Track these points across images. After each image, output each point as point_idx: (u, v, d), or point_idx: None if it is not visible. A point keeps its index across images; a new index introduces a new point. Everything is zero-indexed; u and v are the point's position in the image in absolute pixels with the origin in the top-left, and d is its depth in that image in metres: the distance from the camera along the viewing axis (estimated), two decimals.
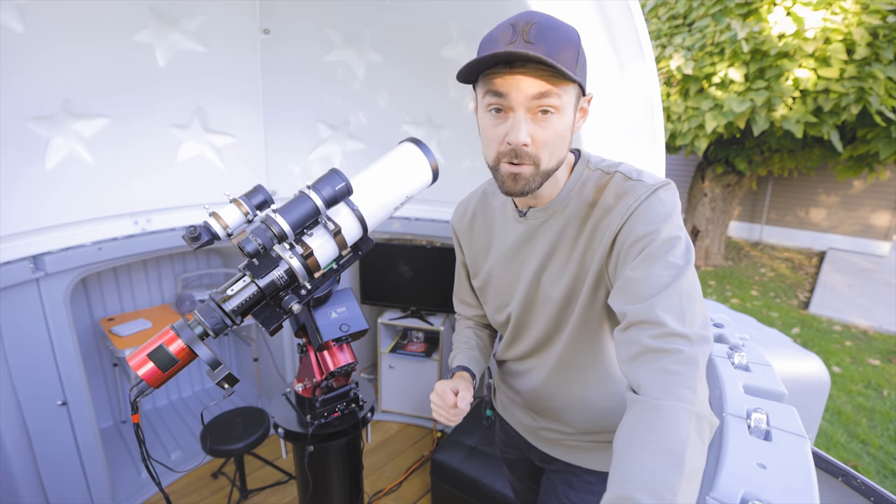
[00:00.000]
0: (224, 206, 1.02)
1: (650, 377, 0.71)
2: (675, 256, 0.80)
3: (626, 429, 0.68)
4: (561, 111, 0.84)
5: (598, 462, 1.16)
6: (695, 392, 0.67)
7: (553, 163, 0.89)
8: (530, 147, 0.86)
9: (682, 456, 0.60)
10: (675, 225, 0.84)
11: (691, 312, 0.76)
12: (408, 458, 2.82)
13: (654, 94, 1.74)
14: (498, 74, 0.83)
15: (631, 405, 0.71)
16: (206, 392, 3.42)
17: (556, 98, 0.83)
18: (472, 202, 1.21)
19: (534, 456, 1.29)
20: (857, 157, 5.65)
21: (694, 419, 0.64)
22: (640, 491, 0.57)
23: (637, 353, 0.75)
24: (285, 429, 1.43)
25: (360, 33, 2.33)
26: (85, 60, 1.89)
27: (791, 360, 2.10)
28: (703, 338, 0.74)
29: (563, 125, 0.86)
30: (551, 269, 1.01)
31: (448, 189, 1.94)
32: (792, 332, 5.25)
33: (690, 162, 8.78)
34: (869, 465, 3.21)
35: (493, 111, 0.87)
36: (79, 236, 2.08)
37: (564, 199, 0.98)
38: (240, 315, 1.04)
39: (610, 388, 1.09)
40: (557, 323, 1.04)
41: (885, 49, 4.40)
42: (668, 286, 0.77)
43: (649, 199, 0.86)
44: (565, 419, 1.15)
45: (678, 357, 0.70)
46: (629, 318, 0.78)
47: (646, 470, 0.60)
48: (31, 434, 1.99)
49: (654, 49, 5.81)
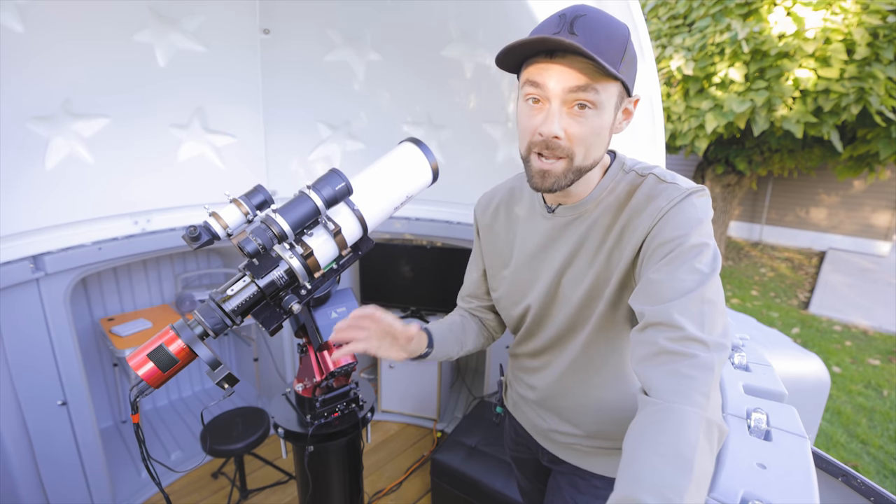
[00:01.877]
0: (224, 206, 1.02)
1: (664, 379, 0.70)
2: (702, 263, 0.79)
3: (637, 430, 0.67)
4: (599, 108, 0.82)
5: (606, 467, 1.15)
6: (708, 398, 0.67)
7: (588, 161, 0.87)
8: (563, 140, 0.83)
9: (692, 461, 0.59)
10: (706, 232, 0.83)
11: (711, 320, 0.74)
12: (408, 458, 2.82)
13: (654, 94, 1.74)
14: (537, 63, 0.82)
15: (642, 406, 0.70)
16: (206, 392, 3.42)
17: (593, 93, 0.80)
18: (497, 195, 1.18)
19: (542, 456, 1.29)
20: (857, 157, 5.65)
21: (704, 425, 0.64)
22: (647, 494, 0.57)
23: (652, 353, 0.74)
24: (285, 429, 1.43)
25: (361, 33, 2.34)
26: (85, 60, 1.89)
27: (791, 360, 2.10)
28: (721, 346, 0.72)
29: (599, 123, 0.84)
30: (575, 268, 0.99)
31: (448, 189, 1.94)
32: (792, 332, 5.25)
33: (690, 162, 8.78)
34: (869, 465, 3.21)
35: (531, 101, 0.85)
36: (79, 236, 2.08)
37: (595, 198, 0.96)
38: (240, 315, 1.04)
39: (624, 391, 1.07)
40: (576, 321, 1.02)
41: (886, 49, 4.40)
42: (691, 291, 0.76)
43: (682, 202, 0.85)
44: (576, 420, 1.13)
45: (694, 362, 0.70)
46: (647, 319, 0.77)
47: (654, 473, 0.59)
48: (31, 434, 1.99)
49: (654, 49, 5.81)
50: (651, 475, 0.59)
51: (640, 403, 0.71)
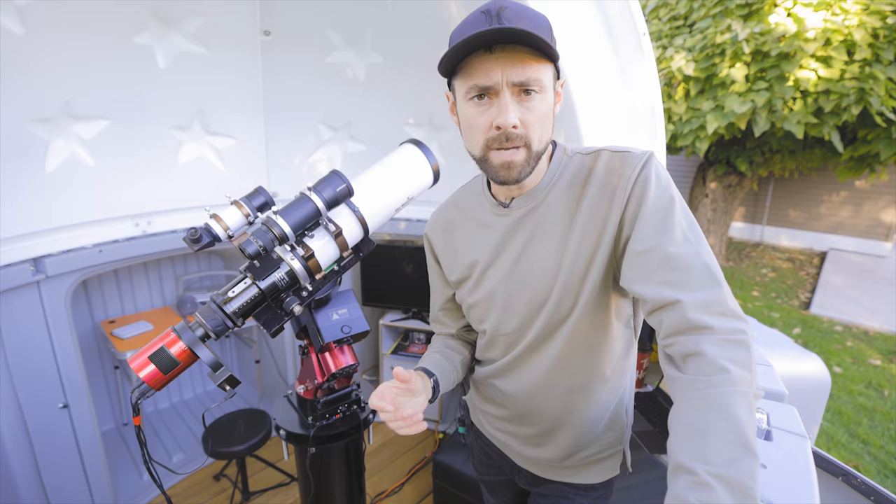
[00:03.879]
0: (225, 208, 1.02)
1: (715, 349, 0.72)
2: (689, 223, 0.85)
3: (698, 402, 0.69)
4: (543, 91, 0.84)
5: (591, 476, 1.13)
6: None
7: (542, 145, 0.89)
8: (520, 129, 0.84)
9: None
10: (673, 186, 0.88)
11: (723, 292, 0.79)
12: (410, 460, 2.82)
13: (654, 94, 1.75)
14: (477, 60, 0.82)
15: (695, 374, 0.71)
16: (207, 394, 3.42)
17: (537, 77, 0.82)
18: (443, 213, 1.17)
19: (519, 479, 1.24)
20: (858, 158, 5.65)
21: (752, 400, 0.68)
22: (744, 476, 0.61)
23: (694, 328, 0.75)
24: (287, 430, 1.42)
25: (361, 35, 2.34)
26: (85, 62, 1.89)
27: (792, 360, 2.11)
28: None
29: (546, 105, 0.86)
30: (541, 255, 0.97)
31: (450, 190, 1.93)
32: (793, 332, 5.24)
33: (691, 163, 8.78)
34: (870, 465, 3.20)
35: (476, 99, 0.85)
36: (79, 238, 2.08)
37: (548, 184, 0.96)
38: (241, 317, 1.04)
39: (604, 389, 1.05)
40: (554, 315, 0.98)
41: (886, 50, 4.40)
42: (706, 261, 0.80)
43: (647, 165, 0.87)
44: (557, 433, 1.10)
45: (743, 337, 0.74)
46: (690, 305, 0.77)
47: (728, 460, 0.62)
48: (33, 437, 1.99)
49: (655, 50, 5.80)
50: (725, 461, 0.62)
51: (692, 371, 0.72)
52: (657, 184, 0.85)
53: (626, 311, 1.01)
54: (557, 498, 1.16)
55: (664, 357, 0.80)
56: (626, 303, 1.00)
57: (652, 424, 1.75)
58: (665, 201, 0.84)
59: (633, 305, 1.03)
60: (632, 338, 1.06)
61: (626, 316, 1.01)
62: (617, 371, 1.06)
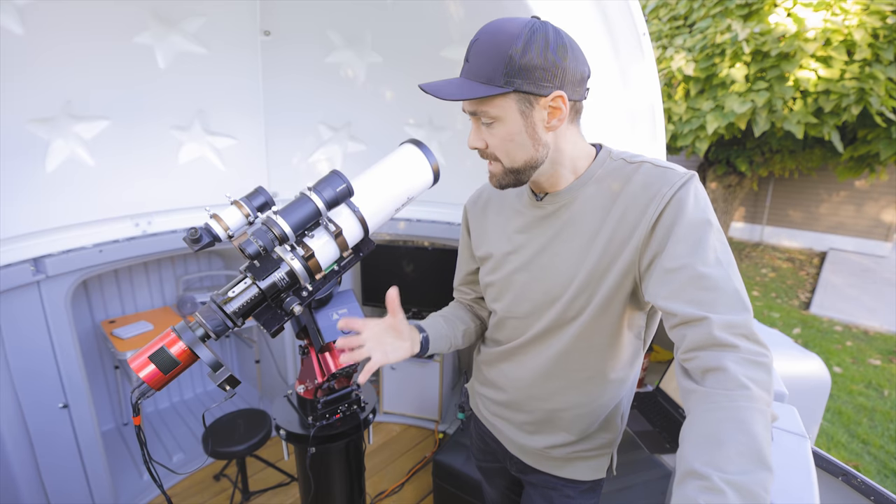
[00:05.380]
0: (225, 208, 1.02)
1: (736, 366, 0.72)
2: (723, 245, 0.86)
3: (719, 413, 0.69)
4: (500, 120, 0.90)
5: (578, 472, 1.16)
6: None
7: (518, 162, 0.94)
8: (489, 150, 0.95)
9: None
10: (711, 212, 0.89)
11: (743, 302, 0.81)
12: (410, 460, 2.82)
13: (654, 94, 1.75)
14: None
15: (714, 387, 0.72)
16: (207, 394, 3.42)
17: (486, 112, 0.89)
18: (485, 190, 1.23)
19: (510, 466, 1.27)
20: (858, 158, 5.65)
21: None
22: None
23: (716, 344, 0.76)
24: (287, 430, 1.43)
25: (361, 35, 2.34)
26: (85, 62, 1.89)
27: (792, 360, 2.11)
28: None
29: (507, 131, 0.90)
30: (567, 254, 1.00)
31: (449, 191, 1.94)
32: (793, 332, 5.24)
33: (691, 163, 8.78)
34: (870, 465, 3.20)
35: (471, 116, 0.96)
36: (80, 238, 2.08)
37: (580, 186, 0.98)
38: (241, 317, 1.04)
39: (604, 392, 1.08)
40: (566, 311, 1.01)
41: (886, 50, 4.41)
42: (736, 286, 0.81)
43: (686, 186, 0.88)
44: (550, 424, 1.13)
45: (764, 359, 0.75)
46: (715, 321, 0.77)
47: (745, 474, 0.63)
48: (33, 437, 1.99)
49: (655, 50, 5.81)
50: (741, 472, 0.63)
51: (711, 384, 0.73)
52: (695, 205, 0.86)
53: (639, 323, 1.03)
54: (546, 488, 1.20)
55: (681, 370, 0.82)
56: (640, 315, 1.02)
57: (652, 424, 1.75)
58: (701, 222, 0.85)
59: (648, 319, 1.05)
60: (640, 348, 1.08)
61: (637, 327, 1.04)
62: (620, 377, 1.08)
